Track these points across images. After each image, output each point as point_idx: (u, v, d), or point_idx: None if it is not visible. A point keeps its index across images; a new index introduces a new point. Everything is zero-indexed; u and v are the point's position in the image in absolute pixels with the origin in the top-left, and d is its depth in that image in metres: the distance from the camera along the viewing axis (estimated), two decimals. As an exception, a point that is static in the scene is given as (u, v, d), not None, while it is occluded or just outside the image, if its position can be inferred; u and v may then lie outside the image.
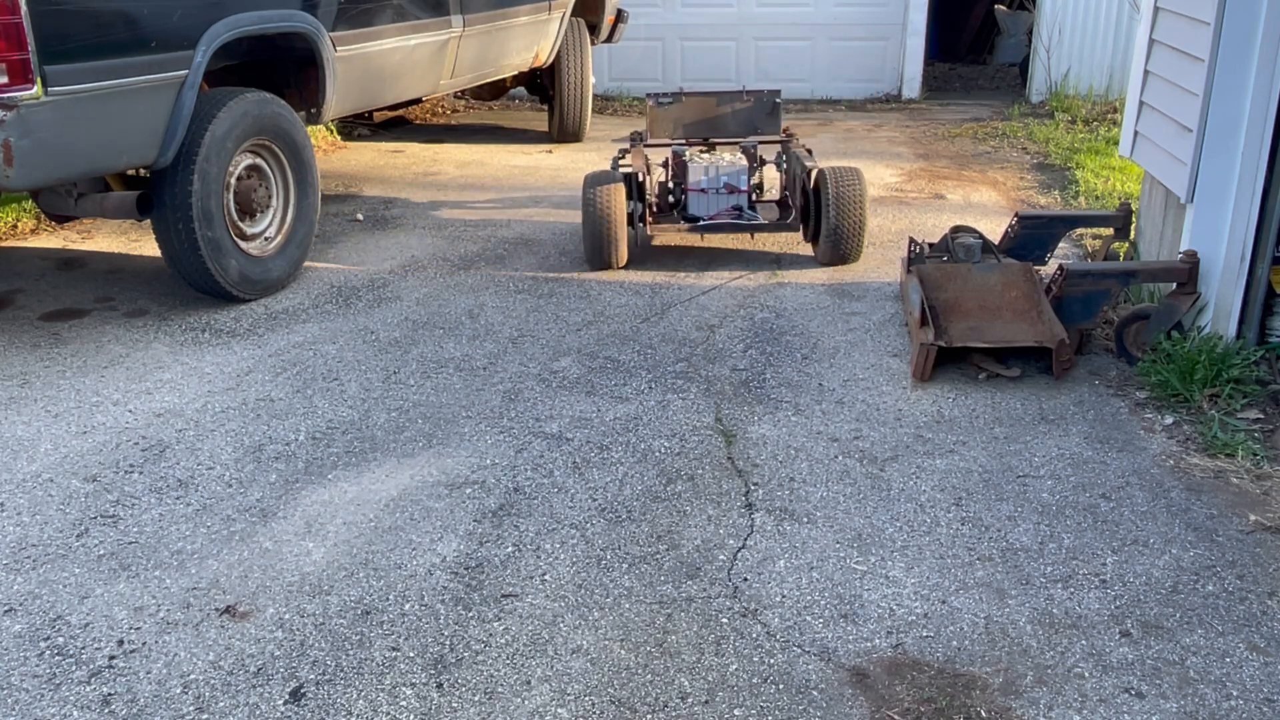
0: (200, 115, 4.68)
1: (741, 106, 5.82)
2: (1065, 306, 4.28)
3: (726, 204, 5.52)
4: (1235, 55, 3.99)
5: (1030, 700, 2.51)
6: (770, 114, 5.92)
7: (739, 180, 5.53)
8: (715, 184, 5.49)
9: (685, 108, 5.95)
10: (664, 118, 5.95)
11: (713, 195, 5.51)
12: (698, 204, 5.53)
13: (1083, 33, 9.80)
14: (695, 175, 5.50)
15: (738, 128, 5.93)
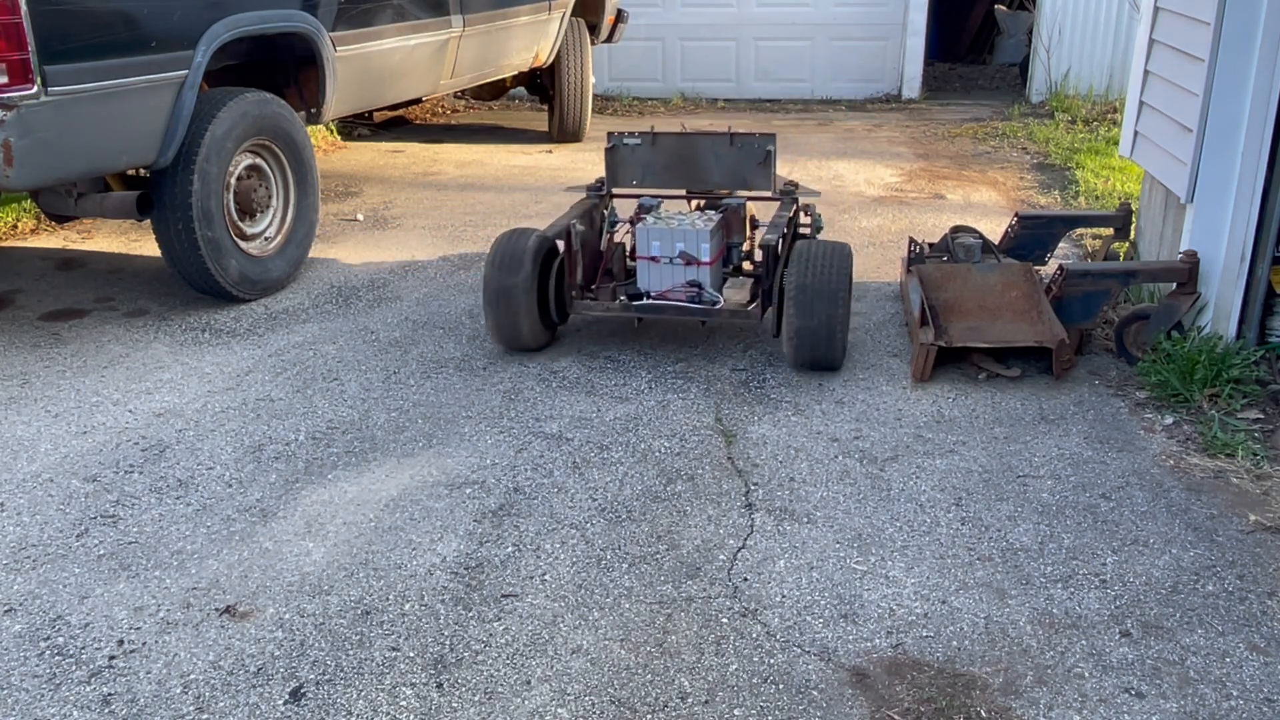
0: (200, 115, 4.68)
1: (727, 153, 4.64)
2: (1065, 306, 4.28)
3: (681, 278, 4.33)
4: (1235, 55, 3.99)
5: (1030, 700, 2.51)
6: (762, 164, 4.62)
7: (697, 248, 4.30)
8: (669, 251, 4.32)
9: (657, 151, 4.71)
10: (630, 162, 4.73)
11: (665, 266, 4.33)
12: (647, 276, 4.39)
13: (1083, 33, 9.80)
14: (644, 239, 4.37)
15: (722, 178, 4.71)
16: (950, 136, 8.81)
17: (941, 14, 12.12)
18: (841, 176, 7.49)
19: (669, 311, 4.28)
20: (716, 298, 4.31)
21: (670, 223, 4.38)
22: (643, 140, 4.72)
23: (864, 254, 5.74)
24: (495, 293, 4.20)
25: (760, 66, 10.54)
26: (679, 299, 4.29)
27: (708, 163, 4.67)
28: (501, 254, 4.22)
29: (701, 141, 4.67)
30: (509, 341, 4.34)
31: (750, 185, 4.68)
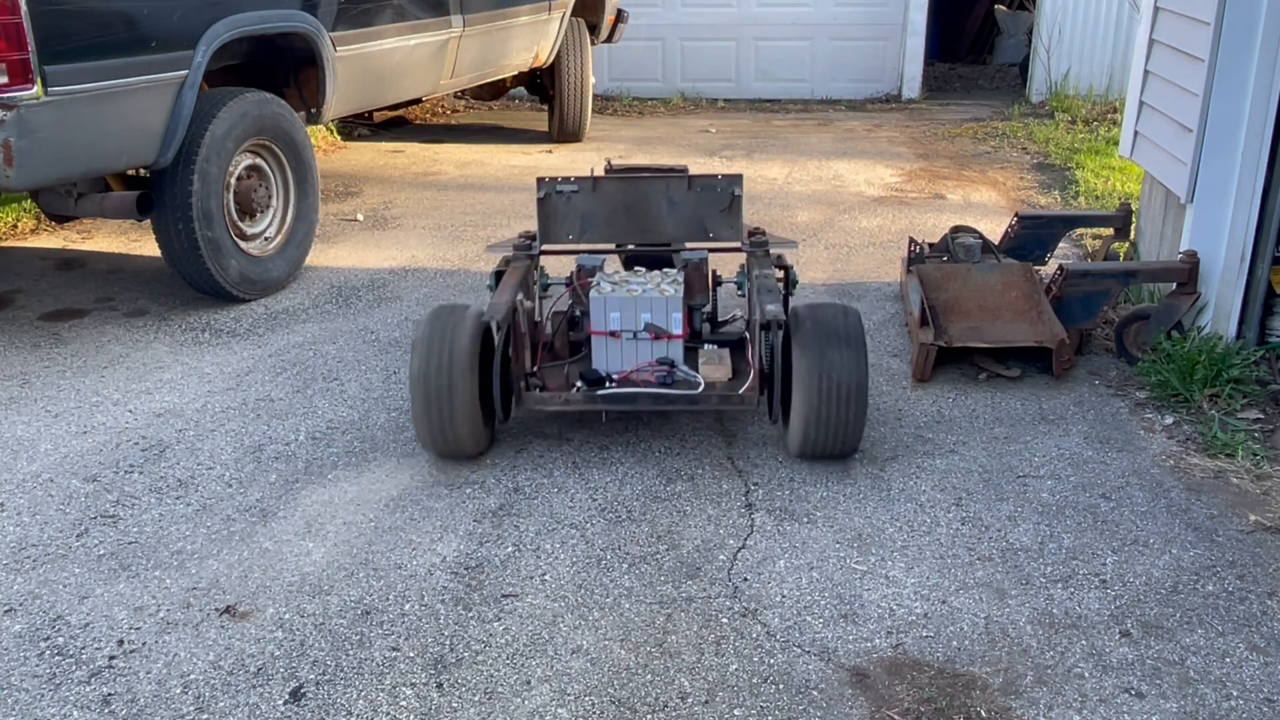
0: (200, 115, 4.68)
1: (684, 198, 3.90)
2: (1065, 306, 4.28)
3: (648, 355, 3.62)
4: (1235, 55, 3.99)
5: (1030, 700, 2.51)
6: (728, 210, 3.93)
7: (667, 319, 3.60)
8: (632, 324, 3.60)
9: (599, 199, 3.92)
10: (566, 213, 3.93)
11: (628, 342, 3.63)
12: (604, 354, 3.65)
13: (1083, 33, 9.80)
14: (599, 311, 3.60)
15: (678, 228, 3.97)
16: (950, 136, 8.81)
17: (941, 14, 12.12)
18: (841, 176, 7.49)
19: (642, 401, 3.52)
20: (695, 377, 3.60)
21: (630, 288, 3.65)
22: (581, 186, 3.91)
23: (864, 254, 5.74)
24: (426, 390, 3.34)
25: (760, 66, 10.54)
26: (648, 381, 3.57)
27: (660, 211, 3.94)
28: (432, 341, 3.37)
29: (653, 186, 3.92)
30: (444, 448, 3.50)
31: (712, 235, 3.98)
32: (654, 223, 3.98)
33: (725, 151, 8.31)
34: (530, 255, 3.96)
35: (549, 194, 3.92)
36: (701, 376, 3.62)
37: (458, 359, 3.34)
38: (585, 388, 3.55)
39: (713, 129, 9.25)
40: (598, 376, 3.60)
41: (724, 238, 4.00)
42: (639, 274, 3.80)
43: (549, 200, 3.93)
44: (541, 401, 3.55)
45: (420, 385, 3.36)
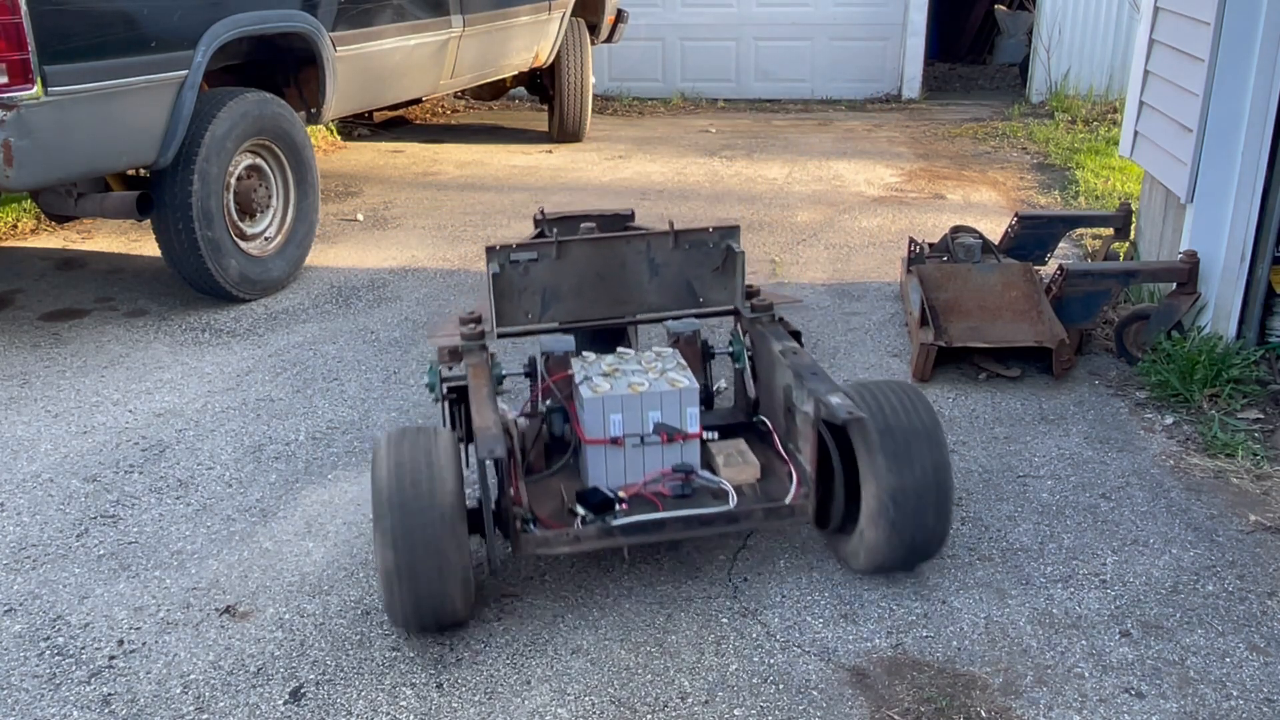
0: (200, 115, 4.68)
1: (669, 259, 3.23)
2: (1065, 306, 4.28)
3: (659, 464, 2.93)
4: (1235, 55, 3.99)
5: (1030, 700, 2.51)
6: (722, 268, 3.28)
7: (682, 415, 2.94)
8: (638, 426, 2.91)
9: (565, 267, 3.19)
10: (524, 288, 3.18)
11: (633, 450, 2.92)
12: (604, 466, 2.93)
13: (1083, 33, 9.80)
14: (595, 413, 2.89)
15: (663, 296, 3.28)
16: (950, 136, 8.81)
17: (941, 14, 12.12)
18: (841, 176, 7.49)
19: (671, 528, 2.78)
20: (719, 483, 2.94)
21: (632, 381, 2.94)
22: (542, 254, 3.16)
23: (864, 254, 5.74)
24: (405, 541, 2.51)
25: (760, 66, 10.54)
26: (662, 494, 2.89)
27: (639, 276, 3.24)
28: (405, 486, 2.53)
29: (631, 248, 3.21)
30: (430, 620, 2.65)
31: (703, 300, 3.32)
32: (633, 291, 3.25)
33: (725, 151, 8.31)
34: (484, 346, 3.13)
35: (504, 266, 3.13)
36: (726, 481, 2.95)
37: (443, 507, 2.52)
38: (591, 516, 2.80)
39: (713, 129, 9.25)
40: (604, 498, 2.83)
41: (716, 302, 3.32)
42: (627, 358, 3.11)
43: (504, 274, 3.14)
44: (544, 544, 2.73)
45: (393, 545, 2.50)
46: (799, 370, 2.91)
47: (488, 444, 2.56)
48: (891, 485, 2.69)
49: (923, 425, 2.74)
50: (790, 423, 3.01)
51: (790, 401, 2.97)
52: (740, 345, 3.32)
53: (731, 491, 2.92)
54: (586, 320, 3.27)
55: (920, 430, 2.72)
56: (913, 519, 2.71)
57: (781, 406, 3.06)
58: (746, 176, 7.49)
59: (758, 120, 9.70)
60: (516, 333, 3.27)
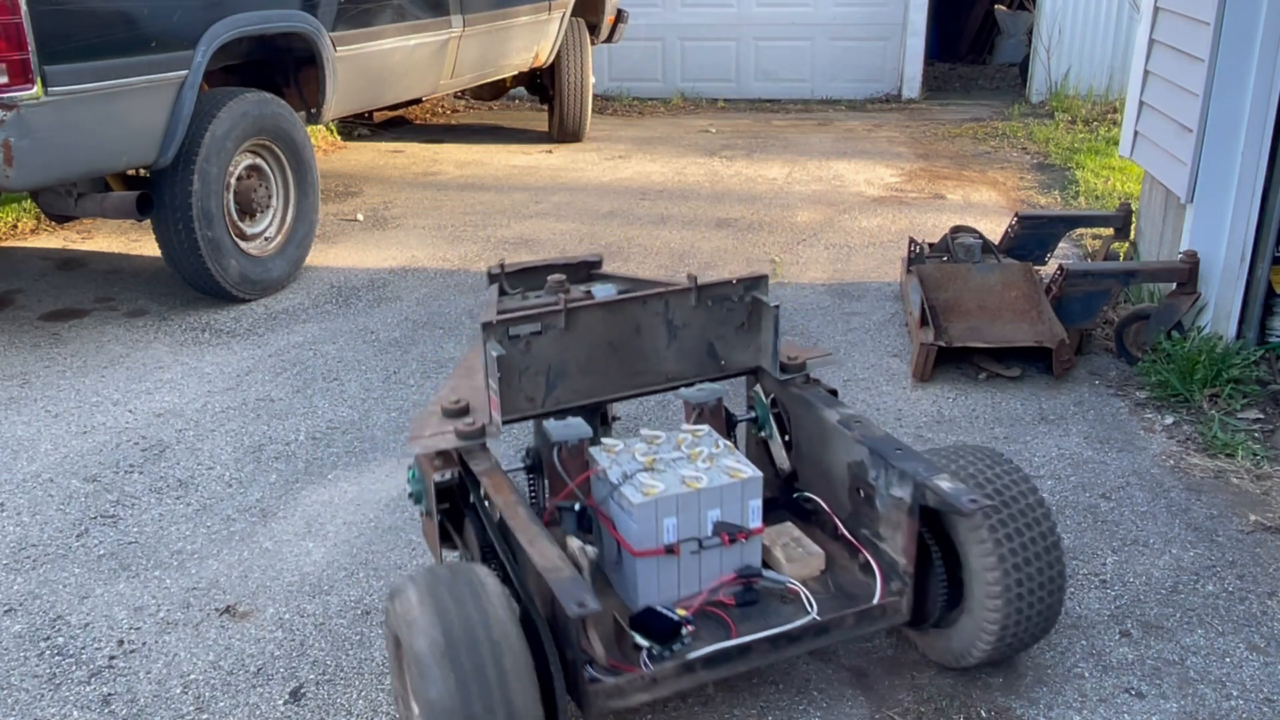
0: (200, 115, 4.68)
1: (689, 317, 2.78)
2: (1065, 306, 4.28)
3: (719, 569, 2.53)
4: (1235, 55, 3.99)
5: (1030, 700, 2.51)
6: (746, 325, 2.84)
7: (744, 509, 2.53)
8: (695, 529, 2.48)
9: (574, 339, 2.68)
10: (526, 367, 2.65)
11: (689, 558, 2.49)
12: (655, 580, 2.48)
13: (1083, 33, 9.80)
14: (647, 520, 2.43)
15: (682, 362, 2.82)
16: (950, 136, 8.81)
17: (941, 14, 12.12)
18: (841, 176, 7.49)
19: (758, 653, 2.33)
20: (786, 582, 2.54)
21: (686, 475, 2.49)
22: (547, 325, 2.62)
23: (864, 254, 5.74)
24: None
25: (760, 66, 10.54)
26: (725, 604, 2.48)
27: (657, 341, 2.77)
28: (461, 670, 1.96)
29: (648, 309, 2.74)
30: None
31: (724, 362, 2.86)
32: (649, 360, 2.79)
33: (725, 151, 8.31)
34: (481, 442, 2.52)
35: (504, 342, 2.59)
36: (793, 579, 2.54)
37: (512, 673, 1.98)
38: (658, 648, 2.30)
39: (713, 129, 9.25)
40: (667, 623, 2.34)
41: (739, 363, 2.88)
42: (659, 442, 2.65)
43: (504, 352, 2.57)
44: (618, 694, 2.20)
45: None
46: (878, 447, 2.49)
47: (572, 593, 1.99)
48: (1011, 570, 2.37)
49: (1028, 500, 2.45)
50: (864, 505, 2.57)
51: (864, 482, 2.55)
52: (765, 411, 2.89)
53: (805, 594, 2.49)
54: (597, 399, 2.78)
55: (1028, 506, 2.44)
56: (1030, 606, 2.42)
57: (844, 485, 2.64)
58: (746, 176, 7.49)
59: (758, 120, 9.70)
60: (517, 420, 2.72)
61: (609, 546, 2.55)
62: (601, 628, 2.40)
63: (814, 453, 2.76)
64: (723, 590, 2.50)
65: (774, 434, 2.88)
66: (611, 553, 2.55)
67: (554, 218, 6.51)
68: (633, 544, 2.44)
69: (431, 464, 2.50)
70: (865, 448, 2.53)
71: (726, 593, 2.50)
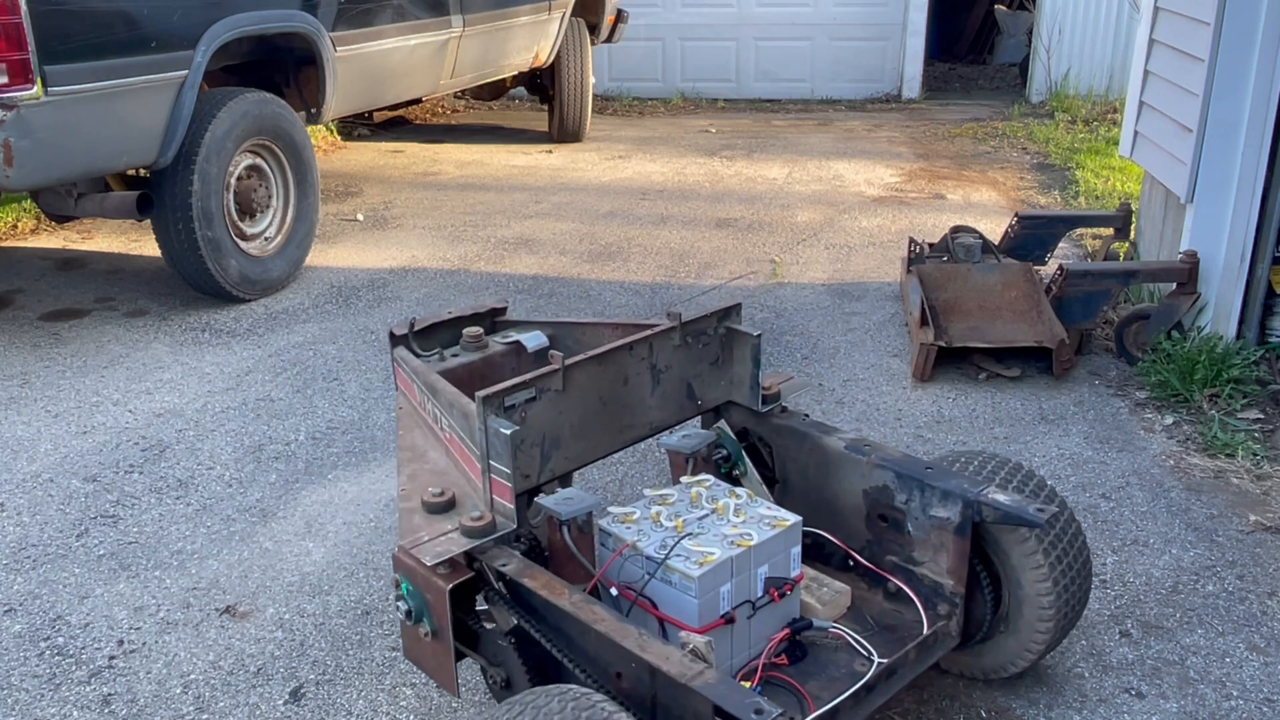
0: (200, 115, 4.68)
1: (671, 359, 2.62)
2: (1065, 306, 4.28)
3: (770, 627, 2.33)
4: (1235, 55, 3.99)
5: (1030, 700, 2.51)
6: (720, 359, 2.70)
7: (789, 560, 2.37)
8: (749, 592, 2.29)
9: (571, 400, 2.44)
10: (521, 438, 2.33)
11: (743, 624, 2.28)
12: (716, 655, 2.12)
13: (1083, 33, 9.80)
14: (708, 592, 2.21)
15: (663, 408, 2.64)
16: (950, 136, 8.81)
17: (941, 14, 12.12)
18: (841, 176, 7.49)
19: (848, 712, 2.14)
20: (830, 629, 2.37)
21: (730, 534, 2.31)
22: (542, 389, 2.36)
23: (864, 254, 5.74)
24: None
25: (760, 66, 10.54)
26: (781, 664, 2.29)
27: (642, 390, 2.59)
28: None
29: (634, 356, 2.54)
30: None
31: (700, 401, 2.70)
32: (635, 412, 2.59)
33: (725, 151, 8.31)
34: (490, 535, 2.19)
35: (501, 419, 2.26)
36: (832, 623, 2.39)
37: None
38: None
39: (713, 129, 9.25)
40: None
41: (713, 399, 2.72)
42: (670, 500, 2.46)
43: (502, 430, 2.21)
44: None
45: None
46: (906, 470, 2.40)
47: (744, 703, 1.74)
48: (1059, 581, 2.32)
49: (1058, 503, 2.41)
50: (888, 532, 2.47)
51: (890, 507, 2.45)
52: (736, 448, 2.73)
53: (853, 638, 2.31)
54: (587, 462, 2.54)
55: (1066, 519, 2.39)
56: (1074, 609, 2.40)
57: (858, 514, 2.53)
58: (746, 176, 7.49)
59: (758, 120, 9.70)
60: None
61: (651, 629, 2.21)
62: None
63: (811, 484, 2.64)
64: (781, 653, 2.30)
65: (748, 470, 2.73)
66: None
67: (554, 218, 6.51)
68: (692, 622, 2.18)
69: (435, 574, 2.12)
70: (891, 471, 2.43)
71: (784, 656, 2.30)
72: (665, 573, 2.22)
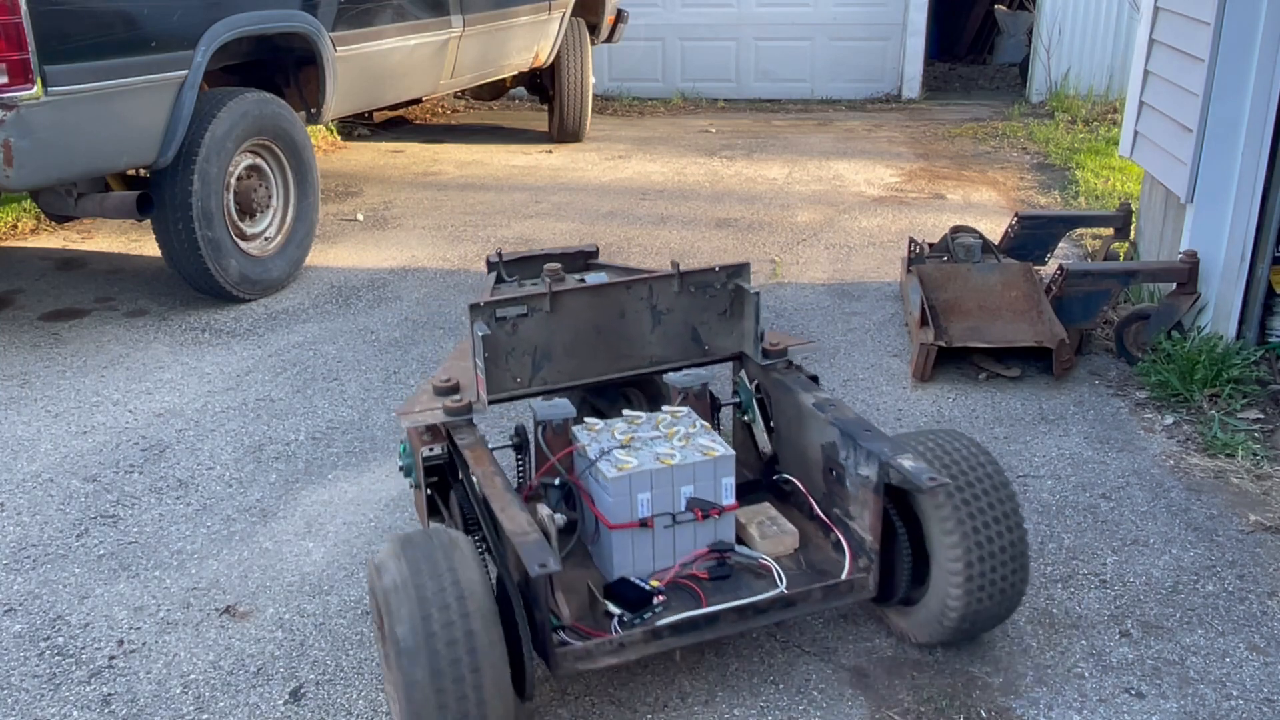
0: (200, 115, 4.68)
1: (674, 304, 2.91)
2: (1065, 306, 4.28)
3: (693, 543, 2.63)
4: (1235, 55, 3.99)
5: (1030, 700, 2.51)
6: (729, 310, 2.97)
7: (717, 486, 2.64)
8: (668, 504, 2.59)
9: (559, 321, 2.81)
10: (512, 348, 2.78)
11: (663, 531, 2.59)
12: (630, 552, 2.59)
13: (1083, 33, 9.80)
14: (621, 494, 2.55)
15: (666, 347, 2.94)
16: (950, 136, 8.81)
17: (941, 14, 12.12)
18: (841, 176, 7.49)
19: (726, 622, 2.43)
20: (761, 560, 2.64)
21: (659, 453, 2.61)
22: (533, 308, 2.75)
23: (864, 254, 5.74)
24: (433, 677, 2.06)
25: (760, 66, 10.54)
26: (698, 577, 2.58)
27: (641, 326, 2.89)
28: (427, 600, 2.11)
29: (632, 294, 2.86)
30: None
31: (708, 347, 2.99)
32: (634, 344, 2.90)
33: (725, 151, 8.31)
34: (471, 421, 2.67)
35: (491, 326, 2.72)
36: (766, 555, 2.64)
37: (477, 623, 2.10)
38: (629, 615, 2.41)
39: (713, 129, 9.25)
40: (639, 592, 2.47)
41: (723, 349, 3.00)
42: (639, 422, 2.77)
43: (492, 333, 2.73)
44: (586, 657, 2.32)
45: (424, 680, 2.05)
46: (847, 428, 2.57)
47: (536, 555, 2.11)
48: (972, 548, 2.43)
49: (991, 480, 2.51)
50: (835, 485, 2.66)
51: (835, 462, 2.64)
52: (749, 395, 2.98)
53: (776, 569, 2.60)
54: (582, 380, 2.89)
55: (993, 483, 2.50)
56: (997, 581, 2.47)
57: (819, 466, 2.72)
58: (746, 176, 7.50)
59: (758, 120, 9.70)
60: (504, 399, 2.85)
61: (588, 520, 2.67)
62: (576, 597, 2.52)
63: (792, 436, 2.86)
64: (696, 565, 2.60)
65: (756, 418, 2.96)
66: (590, 526, 2.67)
67: (554, 218, 6.51)
68: (608, 517, 2.56)
69: (420, 438, 2.64)
70: (837, 429, 2.61)
71: (700, 567, 2.60)
72: (594, 472, 2.60)
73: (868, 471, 2.50)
